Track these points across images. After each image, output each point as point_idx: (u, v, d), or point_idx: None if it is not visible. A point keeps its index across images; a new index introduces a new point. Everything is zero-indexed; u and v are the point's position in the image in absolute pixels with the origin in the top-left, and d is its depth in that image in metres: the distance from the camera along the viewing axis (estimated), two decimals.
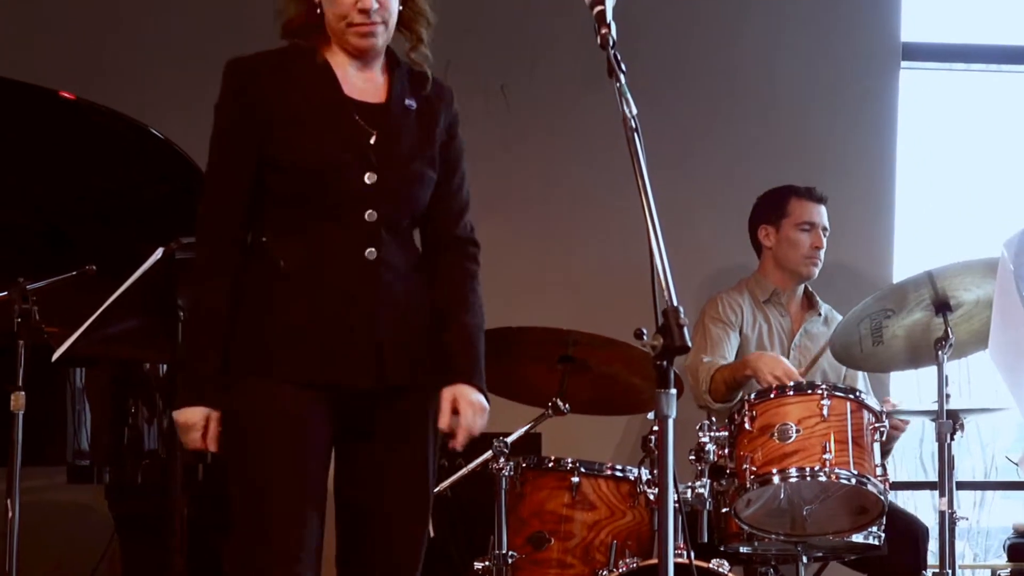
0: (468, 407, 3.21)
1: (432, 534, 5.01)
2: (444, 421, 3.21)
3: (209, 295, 3.21)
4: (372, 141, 3.19)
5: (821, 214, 5.07)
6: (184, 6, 5.77)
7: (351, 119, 3.20)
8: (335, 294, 3.16)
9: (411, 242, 3.30)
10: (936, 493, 4.31)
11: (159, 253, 4.01)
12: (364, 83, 3.26)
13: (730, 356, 4.92)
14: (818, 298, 5.17)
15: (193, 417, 3.18)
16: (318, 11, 3.22)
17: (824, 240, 5.06)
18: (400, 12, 3.26)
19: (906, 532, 4.56)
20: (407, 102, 3.27)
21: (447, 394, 3.22)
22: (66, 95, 4.33)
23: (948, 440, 4.27)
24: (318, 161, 3.16)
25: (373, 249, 3.16)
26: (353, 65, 3.26)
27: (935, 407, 4.28)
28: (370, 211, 3.16)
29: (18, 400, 3.86)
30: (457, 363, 3.25)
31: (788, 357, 5.03)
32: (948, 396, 4.27)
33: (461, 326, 3.27)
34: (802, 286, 5.14)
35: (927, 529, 4.72)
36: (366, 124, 3.20)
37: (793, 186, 5.10)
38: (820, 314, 5.13)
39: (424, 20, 3.31)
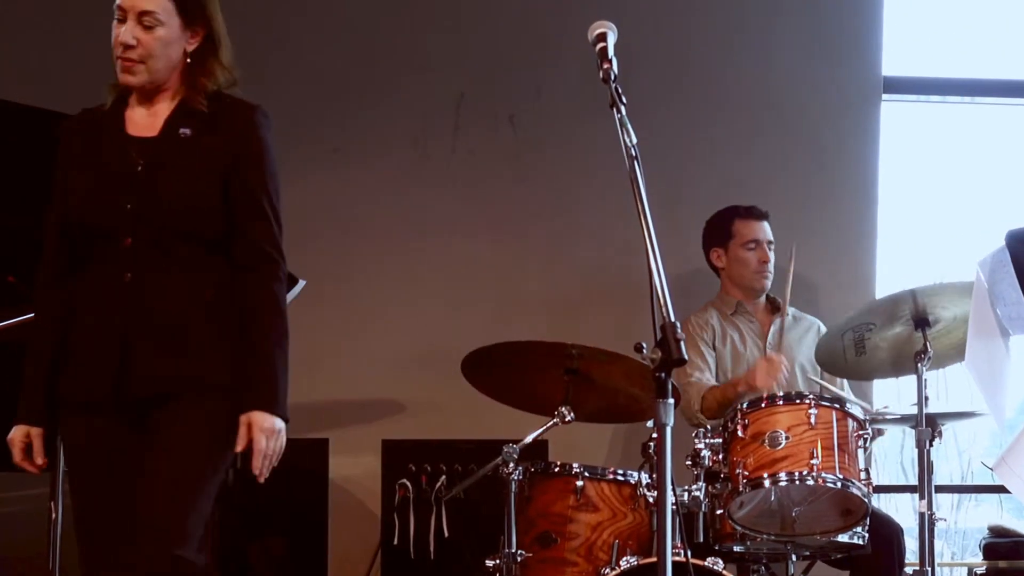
0: (261, 434, 3.16)
1: (447, 534, 5.04)
2: (241, 444, 3.18)
3: (32, 331, 3.35)
4: (138, 170, 3.21)
5: (764, 230, 5.09)
6: None
7: (124, 154, 3.24)
8: (94, 318, 3.21)
9: (194, 262, 3.23)
10: (916, 496, 4.31)
11: None
12: (147, 118, 3.29)
13: (710, 369, 4.94)
14: (780, 300, 5.17)
15: (11, 434, 3.27)
16: None
17: (770, 253, 5.07)
18: (190, 65, 3.28)
19: (883, 532, 4.56)
20: (182, 131, 3.25)
21: (244, 419, 3.18)
22: None
23: (927, 446, 4.27)
24: (86, 199, 3.22)
25: (130, 273, 3.18)
26: (141, 103, 3.30)
27: (915, 413, 4.29)
28: (128, 237, 3.19)
29: None
30: (254, 389, 3.19)
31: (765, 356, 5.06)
32: (927, 398, 4.27)
33: (260, 352, 3.21)
34: (764, 295, 5.16)
35: (902, 528, 4.72)
36: (137, 156, 3.23)
37: (735, 207, 5.15)
38: (787, 314, 5.15)
39: (213, 80, 3.30)
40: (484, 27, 5.88)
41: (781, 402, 4.17)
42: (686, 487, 4.04)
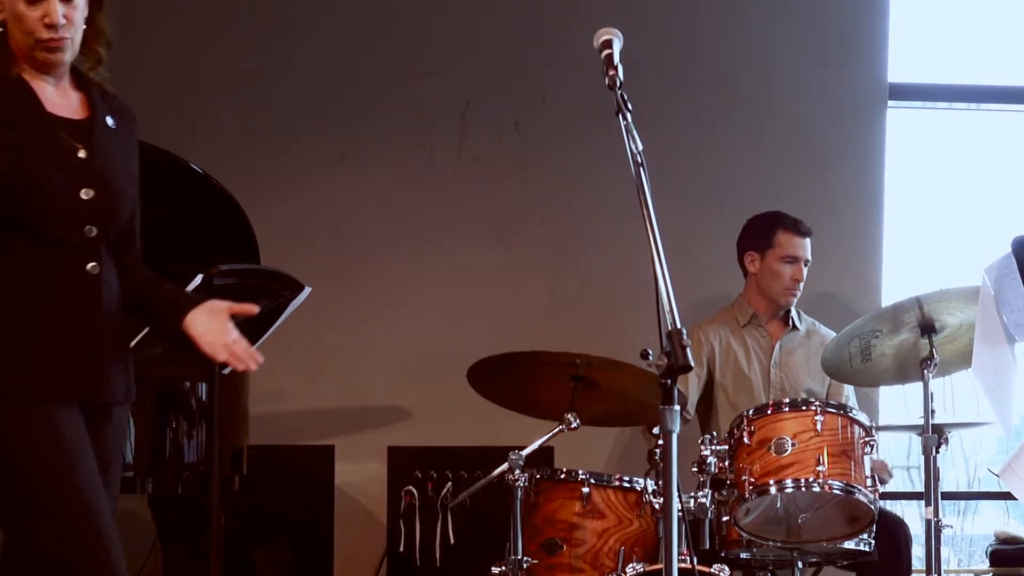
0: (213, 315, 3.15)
1: (452, 541, 5.04)
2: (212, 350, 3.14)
3: None
4: (82, 156, 3.05)
5: (805, 248, 5.06)
6: (198, 39, 5.78)
7: (55, 135, 3.04)
8: (64, 311, 3.02)
9: (114, 258, 3.14)
10: (923, 503, 4.29)
11: (199, 279, 3.99)
12: (61, 99, 3.11)
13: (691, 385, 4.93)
14: (796, 313, 5.14)
15: None
16: (1, 29, 3.07)
17: (804, 273, 5.05)
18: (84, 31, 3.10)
19: (891, 535, 4.55)
20: (108, 120, 3.13)
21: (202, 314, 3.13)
22: None
23: (934, 453, 4.27)
24: (30, 179, 2.99)
25: (95, 263, 3.05)
26: (47, 81, 3.09)
27: (921, 422, 4.28)
28: (89, 226, 3.04)
29: None
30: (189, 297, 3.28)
31: (769, 376, 5.05)
32: (933, 411, 4.26)
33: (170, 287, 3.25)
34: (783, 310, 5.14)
35: (910, 535, 4.71)
36: (72, 140, 3.06)
37: (781, 216, 5.09)
38: (799, 329, 5.13)
39: (104, 40, 3.14)
40: (490, 34, 5.89)
41: (787, 409, 4.16)
42: (692, 494, 4.03)
